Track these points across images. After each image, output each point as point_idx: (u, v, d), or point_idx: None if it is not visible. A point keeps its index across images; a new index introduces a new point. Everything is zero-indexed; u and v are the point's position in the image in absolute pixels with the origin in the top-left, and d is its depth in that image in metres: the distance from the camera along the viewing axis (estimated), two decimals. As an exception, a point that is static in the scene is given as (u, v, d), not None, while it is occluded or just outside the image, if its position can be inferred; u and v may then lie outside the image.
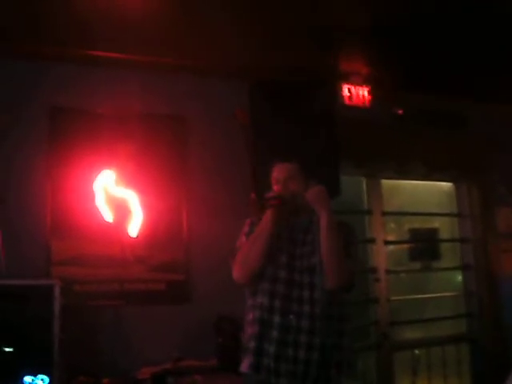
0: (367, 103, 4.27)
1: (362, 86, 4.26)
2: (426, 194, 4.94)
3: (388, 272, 4.49)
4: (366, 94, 4.26)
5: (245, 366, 2.47)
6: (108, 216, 3.60)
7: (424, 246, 4.91)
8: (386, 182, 4.67)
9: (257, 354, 2.43)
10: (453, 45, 3.70)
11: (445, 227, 5.03)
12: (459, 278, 5.00)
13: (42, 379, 2.87)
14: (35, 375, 2.87)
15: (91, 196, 3.56)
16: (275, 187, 2.58)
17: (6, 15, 3.12)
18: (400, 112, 4.46)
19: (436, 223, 5.03)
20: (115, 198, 3.62)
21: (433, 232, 4.99)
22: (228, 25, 3.33)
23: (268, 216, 2.49)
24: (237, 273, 2.51)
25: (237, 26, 3.37)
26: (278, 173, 2.60)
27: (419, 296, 4.85)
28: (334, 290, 2.41)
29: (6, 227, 3.29)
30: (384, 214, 4.59)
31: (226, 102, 3.90)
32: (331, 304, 2.44)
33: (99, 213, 3.58)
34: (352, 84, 4.23)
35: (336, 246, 2.41)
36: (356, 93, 4.24)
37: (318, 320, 2.40)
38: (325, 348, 2.39)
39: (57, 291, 2.97)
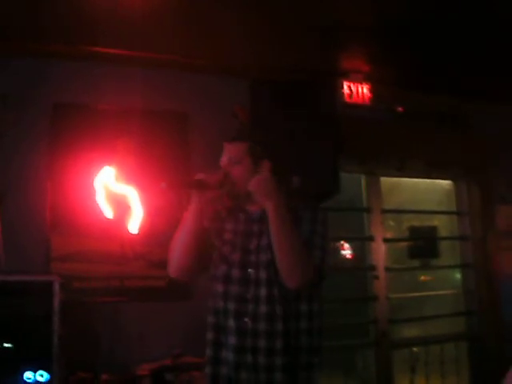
0: (367, 101, 4.27)
1: (362, 83, 4.26)
2: (425, 191, 4.94)
3: (387, 270, 4.50)
4: (366, 91, 4.26)
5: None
6: (108, 212, 3.60)
7: (423, 243, 4.91)
8: (385, 180, 4.66)
9: (214, 363, 2.20)
10: (454, 43, 3.70)
11: (444, 225, 5.04)
12: (458, 276, 5.00)
13: (41, 375, 2.87)
14: (35, 371, 2.87)
15: (91, 192, 3.56)
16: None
17: (7, 13, 3.12)
18: (400, 110, 4.46)
19: (435, 221, 5.03)
20: (115, 194, 3.62)
21: (432, 230, 4.98)
22: (230, 23, 3.34)
23: (191, 203, 2.18)
24: (169, 266, 2.28)
25: (238, 25, 3.37)
26: (223, 156, 2.29)
27: (418, 294, 4.86)
28: (295, 289, 2.13)
29: (6, 223, 3.29)
30: (383, 211, 4.58)
31: (227, 100, 3.90)
32: (297, 300, 2.17)
33: (99, 209, 3.58)
34: (352, 82, 4.23)
35: (289, 241, 2.09)
36: (356, 90, 4.24)
37: (279, 320, 2.13)
38: (289, 351, 2.12)
39: (56, 287, 2.97)
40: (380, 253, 4.50)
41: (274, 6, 3.20)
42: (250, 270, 2.18)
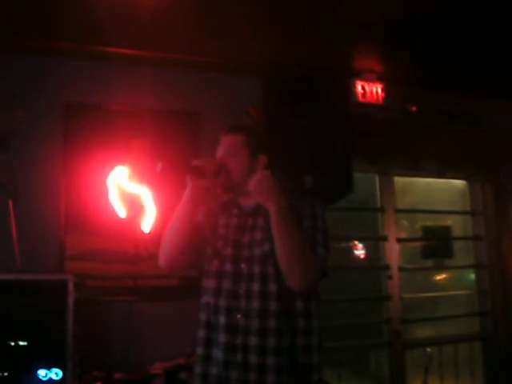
0: (381, 100, 4.25)
1: (375, 82, 4.25)
2: (439, 191, 4.93)
3: (400, 270, 4.48)
4: (379, 90, 4.24)
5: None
6: (121, 212, 3.61)
7: (437, 243, 4.89)
8: (399, 180, 4.66)
9: (204, 362, 2.14)
10: (467, 42, 3.67)
11: (458, 225, 5.02)
12: (472, 276, 4.98)
13: (55, 373, 2.88)
14: (49, 369, 2.88)
15: (105, 192, 3.58)
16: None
17: (19, 12, 3.14)
18: (414, 109, 4.44)
19: (449, 221, 5.01)
20: (129, 193, 3.63)
21: (446, 230, 4.97)
22: (241, 21, 3.33)
23: (186, 190, 2.18)
24: (159, 258, 2.23)
25: (250, 23, 3.36)
26: (219, 148, 2.27)
27: (432, 294, 4.85)
28: (299, 290, 2.06)
29: (21, 222, 3.30)
30: (397, 211, 4.58)
31: (239, 98, 3.89)
32: (292, 298, 2.09)
33: (113, 208, 3.59)
34: (366, 81, 4.22)
35: (293, 242, 2.02)
36: (370, 90, 4.23)
37: (272, 317, 2.05)
38: (282, 351, 2.04)
39: (70, 286, 2.97)
40: (394, 252, 4.50)
41: (285, 4, 3.18)
42: (242, 264, 2.14)
